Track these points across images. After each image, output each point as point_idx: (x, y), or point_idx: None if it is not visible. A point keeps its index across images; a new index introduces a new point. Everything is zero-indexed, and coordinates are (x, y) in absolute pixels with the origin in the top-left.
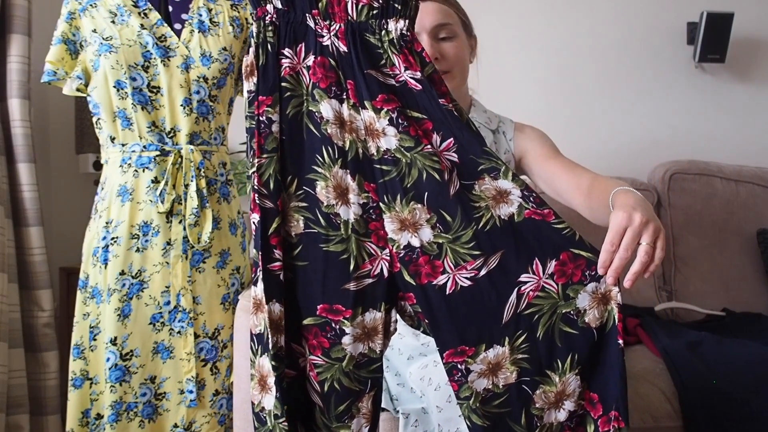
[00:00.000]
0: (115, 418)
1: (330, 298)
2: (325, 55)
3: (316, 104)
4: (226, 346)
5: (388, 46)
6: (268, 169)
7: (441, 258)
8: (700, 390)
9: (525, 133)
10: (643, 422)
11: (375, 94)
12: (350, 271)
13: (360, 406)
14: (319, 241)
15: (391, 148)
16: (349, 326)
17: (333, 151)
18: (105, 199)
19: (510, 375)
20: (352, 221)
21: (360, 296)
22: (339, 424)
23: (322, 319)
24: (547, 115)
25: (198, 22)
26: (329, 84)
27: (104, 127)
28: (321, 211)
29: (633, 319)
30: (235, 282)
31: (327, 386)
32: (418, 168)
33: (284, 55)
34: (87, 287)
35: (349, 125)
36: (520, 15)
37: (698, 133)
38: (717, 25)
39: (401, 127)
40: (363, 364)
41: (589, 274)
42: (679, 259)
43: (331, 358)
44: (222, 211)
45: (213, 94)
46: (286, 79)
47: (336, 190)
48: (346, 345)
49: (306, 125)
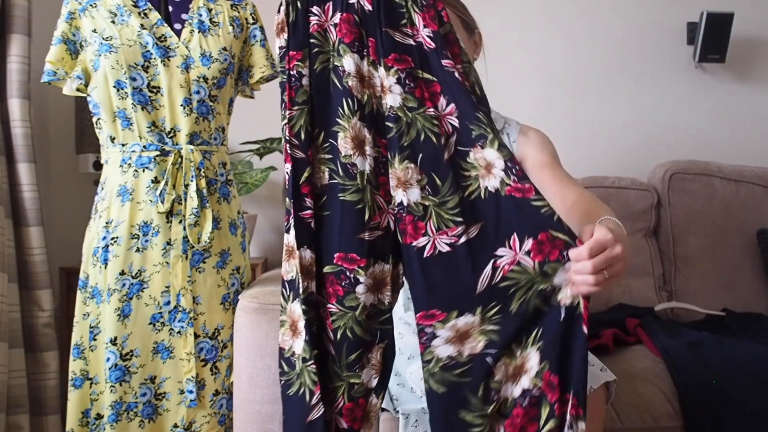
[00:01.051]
0: (115, 418)
1: (346, 246)
2: (351, 12)
3: (341, 59)
4: (226, 346)
5: (411, 4)
6: (299, 121)
7: (425, 220)
8: (700, 390)
9: (528, 137)
10: (643, 422)
11: (388, 52)
12: (365, 220)
13: (370, 357)
14: (338, 191)
15: (395, 105)
16: (363, 275)
17: (353, 102)
18: (105, 199)
19: (476, 345)
20: (368, 172)
21: (372, 247)
22: (350, 373)
23: (338, 267)
24: (547, 115)
25: (198, 22)
26: (353, 39)
27: (104, 127)
28: (340, 162)
29: (633, 319)
30: (235, 282)
31: (339, 334)
32: (417, 129)
33: (312, 12)
34: (87, 287)
35: (368, 80)
36: (520, 15)
37: (698, 133)
38: (717, 25)
39: (407, 87)
40: (373, 315)
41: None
42: (679, 259)
43: (345, 306)
44: (222, 211)
45: (213, 94)
46: (314, 35)
47: (354, 141)
48: (360, 294)
49: (332, 80)
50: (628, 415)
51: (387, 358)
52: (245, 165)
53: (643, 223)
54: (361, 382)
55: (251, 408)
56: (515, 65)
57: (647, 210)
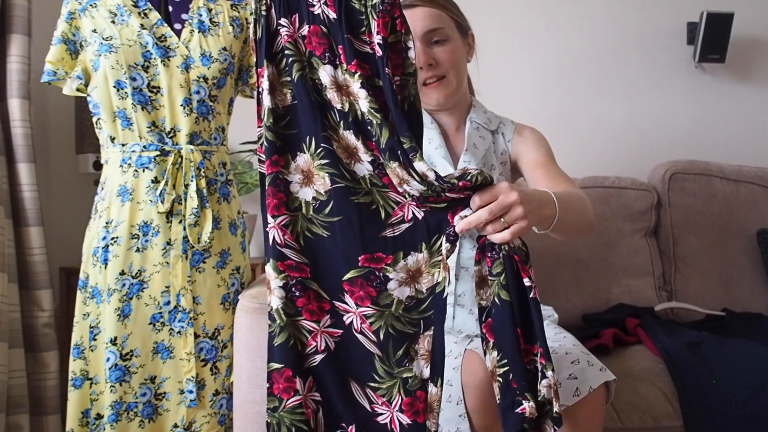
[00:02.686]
0: (115, 418)
1: (369, 247)
2: (317, 23)
3: (315, 71)
4: (226, 346)
5: (370, 11)
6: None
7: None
8: (700, 390)
9: (523, 136)
10: (643, 422)
11: (351, 58)
12: (383, 219)
13: (417, 348)
14: (350, 194)
15: (365, 111)
16: (392, 271)
17: (335, 114)
18: (105, 199)
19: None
20: (368, 176)
21: (400, 241)
22: (401, 369)
23: (366, 269)
24: (547, 115)
25: (198, 22)
26: (323, 50)
27: (104, 127)
28: (343, 166)
29: (633, 319)
30: (235, 282)
31: (382, 334)
32: (388, 129)
33: (281, 25)
34: (87, 287)
35: (345, 88)
36: (520, 15)
37: (698, 133)
38: (717, 25)
39: (371, 91)
40: (412, 306)
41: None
42: (679, 259)
43: (380, 305)
44: (222, 211)
45: (213, 94)
46: (287, 46)
47: (347, 150)
48: (392, 290)
49: (311, 88)
50: (628, 415)
51: (436, 344)
52: (245, 165)
53: (643, 223)
54: (414, 375)
55: (251, 408)
56: (515, 65)
57: (647, 210)
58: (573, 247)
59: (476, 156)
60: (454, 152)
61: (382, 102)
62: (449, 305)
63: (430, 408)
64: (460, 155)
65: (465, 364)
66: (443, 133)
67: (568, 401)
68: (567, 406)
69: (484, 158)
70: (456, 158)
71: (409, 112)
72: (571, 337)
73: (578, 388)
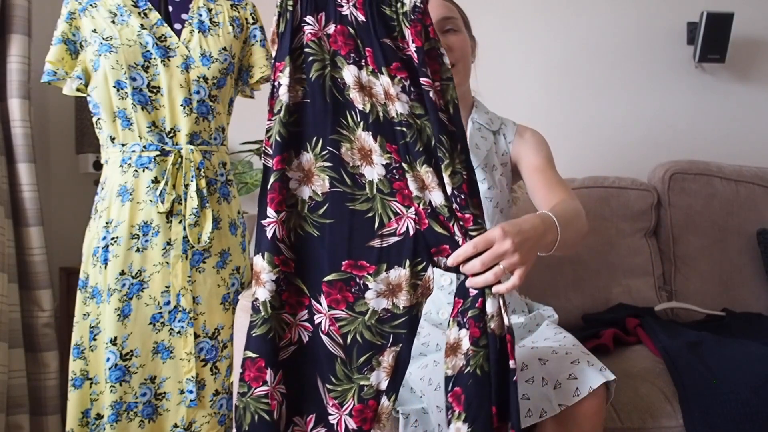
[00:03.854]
0: (115, 418)
1: (355, 254)
2: (344, 23)
3: (338, 71)
4: (226, 346)
5: (401, 18)
6: (272, 130)
7: (451, 222)
8: (700, 390)
9: (524, 138)
10: (643, 422)
11: (390, 61)
12: (375, 228)
13: (381, 360)
14: (346, 200)
15: (404, 113)
16: (372, 281)
17: (356, 114)
18: (105, 199)
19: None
20: (377, 181)
21: (385, 253)
22: (360, 376)
23: (347, 274)
24: (547, 115)
25: (198, 22)
26: (348, 51)
27: (104, 127)
28: (347, 171)
29: (633, 319)
30: (235, 282)
31: (350, 338)
32: (428, 134)
33: (306, 22)
34: (87, 287)
35: (368, 90)
36: (520, 15)
37: (698, 133)
38: (717, 25)
39: (413, 94)
40: (386, 319)
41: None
42: (679, 259)
43: (355, 311)
44: (222, 211)
45: (213, 94)
46: (309, 45)
47: (360, 151)
48: (369, 300)
49: (330, 89)
50: (628, 415)
51: (400, 361)
52: (245, 165)
53: (643, 223)
54: (371, 384)
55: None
56: (515, 65)
57: (647, 210)
58: None
59: (478, 156)
60: None
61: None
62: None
63: (378, 418)
64: None
65: None
66: None
67: (568, 401)
68: (567, 406)
69: (486, 159)
70: None
71: (452, 115)
72: (571, 337)
73: (578, 388)
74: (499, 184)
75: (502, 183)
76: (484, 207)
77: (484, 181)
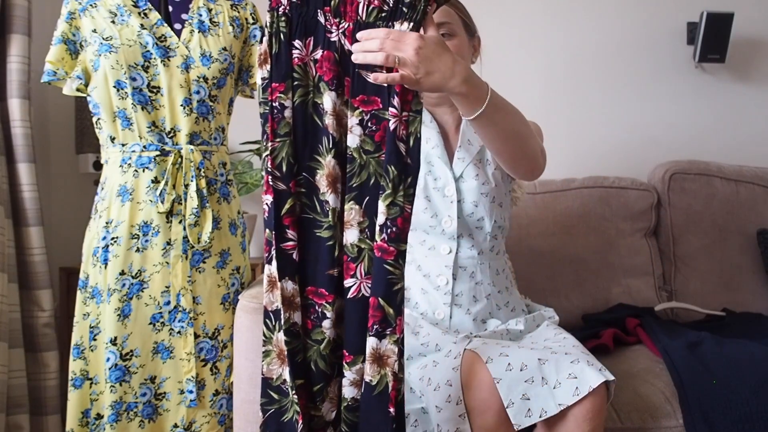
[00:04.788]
0: (115, 418)
1: (317, 281)
2: (332, 50)
3: (321, 96)
4: (226, 346)
5: None
6: (281, 152)
7: (356, 262)
8: (700, 390)
9: None
10: (643, 422)
11: (357, 93)
12: (335, 257)
13: (329, 390)
14: (314, 226)
15: (351, 146)
16: (330, 310)
17: (329, 141)
18: (105, 199)
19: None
20: (339, 209)
21: (339, 282)
22: (311, 405)
23: (309, 300)
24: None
25: (198, 22)
26: (332, 77)
27: (104, 127)
28: (318, 198)
29: (633, 319)
30: (235, 282)
31: (308, 365)
32: (369, 172)
33: (294, 46)
34: (87, 287)
35: (341, 119)
36: (520, 15)
37: (698, 133)
38: (717, 25)
39: (368, 130)
40: (333, 348)
41: (376, 329)
42: (679, 259)
43: (312, 339)
44: (222, 211)
45: (213, 94)
46: (295, 69)
47: (328, 178)
48: (326, 329)
49: (311, 115)
50: (628, 415)
51: (341, 391)
52: (245, 165)
53: (643, 223)
54: (321, 415)
55: (251, 408)
56: (515, 65)
57: (647, 210)
58: (573, 247)
59: (470, 152)
60: (451, 151)
61: (379, 141)
62: (446, 305)
63: None
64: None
65: (464, 364)
66: (442, 131)
67: (567, 401)
68: (567, 405)
69: (479, 154)
70: (452, 156)
71: (412, 148)
72: (571, 337)
73: (578, 387)
74: (493, 179)
75: (497, 177)
76: (480, 203)
77: (477, 177)
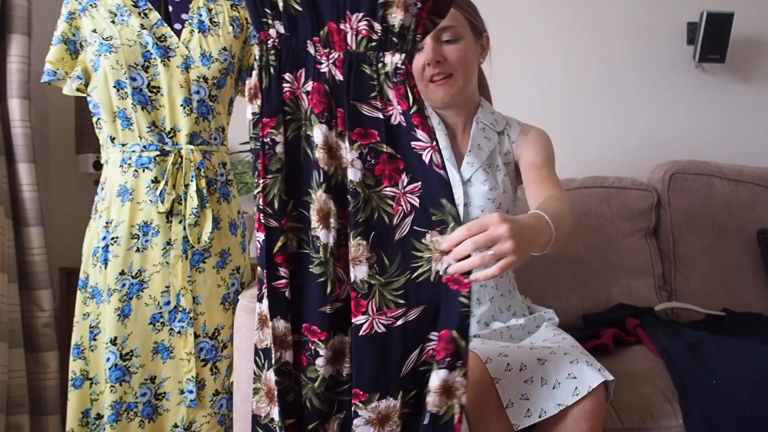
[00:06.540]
0: (115, 418)
1: (311, 318)
2: (322, 81)
3: (312, 128)
4: (226, 346)
5: (383, 79)
6: (272, 189)
7: (367, 298)
8: (700, 390)
9: (527, 136)
10: (643, 422)
11: (354, 125)
12: (327, 294)
13: (327, 428)
14: (308, 262)
15: (354, 180)
16: (323, 348)
17: (319, 175)
18: (105, 199)
19: (395, 429)
20: (331, 245)
21: (333, 319)
22: None
23: (304, 337)
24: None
25: (198, 22)
26: (322, 109)
27: (104, 127)
28: (310, 233)
29: (633, 319)
30: (235, 282)
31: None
32: (372, 206)
33: (284, 79)
34: (87, 287)
35: (335, 152)
36: (522, 16)
37: (698, 133)
38: (717, 25)
39: (368, 164)
40: (332, 386)
41: (448, 361)
42: (679, 259)
43: (306, 376)
44: (222, 211)
45: (213, 94)
46: (287, 103)
47: (319, 213)
48: (320, 367)
49: (303, 149)
50: (628, 415)
51: (345, 428)
52: (245, 165)
53: (643, 223)
54: None
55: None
56: (515, 65)
57: (647, 210)
58: (573, 247)
59: (480, 157)
60: (459, 153)
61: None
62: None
63: None
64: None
65: None
66: (450, 133)
67: (567, 400)
68: (566, 405)
69: (489, 159)
70: (460, 160)
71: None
72: (570, 338)
73: (577, 387)
74: (502, 185)
75: (506, 183)
76: (487, 208)
77: (486, 182)
